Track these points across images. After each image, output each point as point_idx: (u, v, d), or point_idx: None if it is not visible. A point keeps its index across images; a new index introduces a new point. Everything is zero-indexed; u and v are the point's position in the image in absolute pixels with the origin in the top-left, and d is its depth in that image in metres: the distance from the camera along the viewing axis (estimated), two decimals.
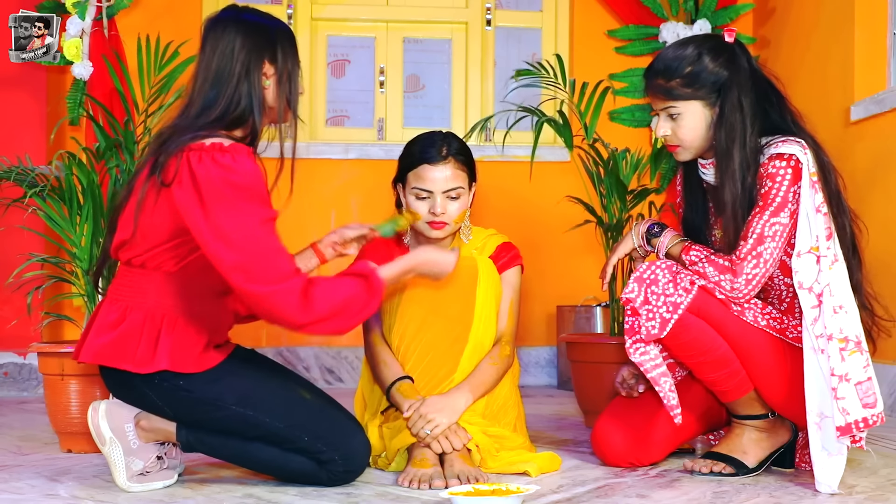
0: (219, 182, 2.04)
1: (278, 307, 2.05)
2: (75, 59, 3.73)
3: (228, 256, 2.03)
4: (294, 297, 2.04)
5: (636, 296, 2.27)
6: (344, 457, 2.21)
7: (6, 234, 3.58)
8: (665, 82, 2.34)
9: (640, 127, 4.46)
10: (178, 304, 2.16)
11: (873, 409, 2.18)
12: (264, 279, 2.03)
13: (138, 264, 2.16)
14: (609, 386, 2.74)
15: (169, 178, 2.08)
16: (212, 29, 2.21)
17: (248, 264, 2.03)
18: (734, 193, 2.29)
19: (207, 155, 2.06)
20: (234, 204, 2.03)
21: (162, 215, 2.11)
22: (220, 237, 2.03)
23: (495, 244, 2.61)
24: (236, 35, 2.17)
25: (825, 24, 4.02)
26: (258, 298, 2.04)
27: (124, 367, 2.13)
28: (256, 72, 2.17)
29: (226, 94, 2.15)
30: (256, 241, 2.04)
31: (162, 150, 2.11)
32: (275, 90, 2.20)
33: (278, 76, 2.20)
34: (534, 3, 4.86)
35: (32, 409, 3.74)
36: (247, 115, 2.17)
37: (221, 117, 2.14)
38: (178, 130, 2.14)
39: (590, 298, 4.47)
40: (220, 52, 2.16)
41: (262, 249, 2.04)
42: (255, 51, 2.17)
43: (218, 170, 2.04)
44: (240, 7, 2.25)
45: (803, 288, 2.20)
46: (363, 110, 4.83)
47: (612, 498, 2.15)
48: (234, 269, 2.03)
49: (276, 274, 2.04)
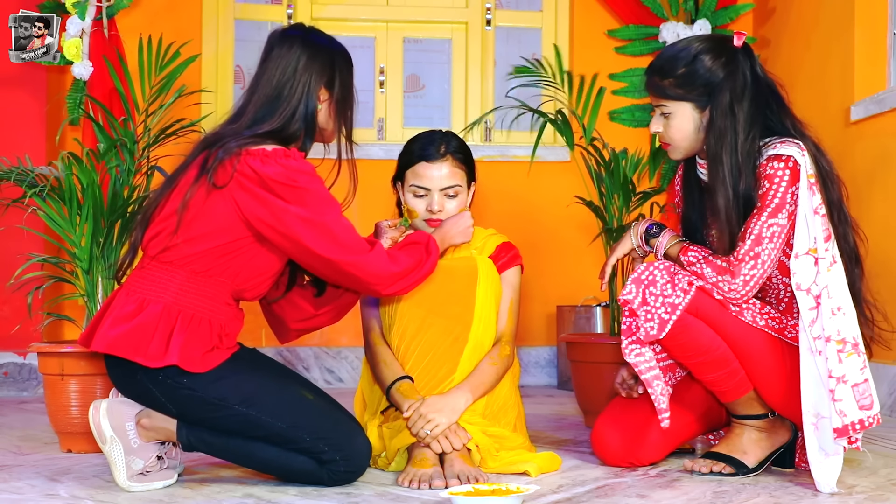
0: (293, 182, 2.14)
1: (377, 267, 2.21)
2: (75, 59, 3.73)
3: (320, 240, 2.16)
4: (383, 258, 2.23)
5: (634, 297, 2.27)
6: (345, 457, 2.21)
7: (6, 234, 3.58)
8: (659, 80, 2.35)
9: (640, 127, 4.45)
10: (196, 303, 2.18)
11: (869, 410, 2.18)
12: (356, 250, 2.19)
13: (166, 260, 2.19)
14: (609, 386, 2.74)
15: (222, 181, 2.14)
16: (278, 44, 2.28)
17: (340, 241, 2.17)
18: (726, 199, 2.28)
19: (271, 159, 2.14)
20: (314, 198, 2.16)
21: (207, 216, 2.16)
22: (311, 225, 2.15)
23: (495, 244, 2.61)
24: (301, 55, 2.25)
25: (825, 24, 4.02)
26: (357, 265, 2.19)
27: (135, 359, 2.14)
28: (314, 95, 2.25)
29: (281, 111, 2.23)
30: (341, 224, 2.18)
31: (211, 153, 2.16)
32: (327, 113, 2.30)
33: (334, 101, 2.29)
34: (534, 3, 4.86)
35: (32, 409, 3.74)
36: (297, 135, 2.25)
37: (273, 133, 2.21)
38: (224, 137, 2.19)
39: (590, 298, 4.47)
40: (282, 68, 2.24)
41: (345, 227, 2.19)
42: (316, 75, 2.26)
43: (286, 170, 2.14)
44: (307, 27, 2.33)
45: (801, 289, 2.20)
46: (363, 110, 4.82)
47: (611, 498, 2.15)
48: (329, 248, 2.16)
49: (362, 244, 2.21)
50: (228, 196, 2.15)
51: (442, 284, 2.45)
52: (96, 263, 2.89)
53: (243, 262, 2.21)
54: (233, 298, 2.26)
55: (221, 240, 2.18)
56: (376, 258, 2.21)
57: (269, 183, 2.13)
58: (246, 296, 2.29)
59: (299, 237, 2.15)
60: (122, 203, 2.89)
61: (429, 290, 2.45)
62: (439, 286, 2.45)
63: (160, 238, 2.20)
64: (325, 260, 2.18)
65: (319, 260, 2.19)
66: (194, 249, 2.17)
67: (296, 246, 2.18)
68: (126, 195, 2.92)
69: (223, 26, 4.64)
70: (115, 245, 2.91)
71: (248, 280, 2.24)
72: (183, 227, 2.16)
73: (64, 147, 4.03)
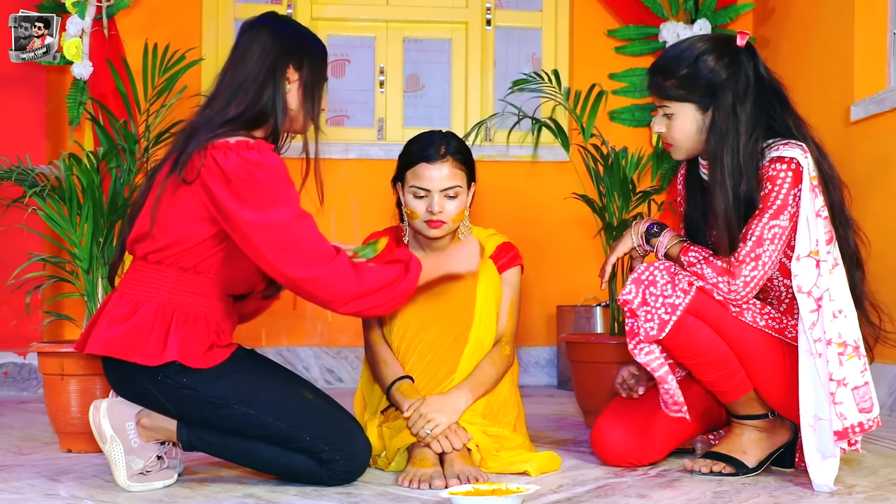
0: (250, 176, 2.08)
1: (334, 284, 2.09)
2: (75, 59, 3.73)
3: (272, 246, 2.08)
4: (346, 272, 2.10)
5: (633, 297, 2.27)
6: (345, 457, 2.21)
7: (6, 234, 3.58)
8: (662, 81, 2.34)
9: (640, 127, 4.45)
10: (189, 301, 2.18)
11: (870, 413, 2.18)
12: (313, 262, 2.09)
13: (154, 261, 2.19)
14: (609, 386, 2.74)
15: (191, 176, 2.12)
16: (246, 31, 2.26)
17: (295, 251, 2.08)
18: (726, 200, 2.28)
19: (233, 151, 2.10)
20: (269, 196, 2.08)
21: (180, 212, 2.14)
22: (261, 228, 2.07)
23: (495, 244, 2.61)
24: (268, 39, 2.22)
25: (825, 24, 4.02)
26: (311, 281, 2.09)
27: (133, 359, 2.13)
28: (281, 74, 2.21)
29: (249, 92, 2.19)
30: (297, 228, 2.09)
31: (183, 147, 2.14)
32: (297, 96, 2.25)
33: (302, 83, 2.24)
34: (534, 3, 4.86)
35: (32, 409, 3.74)
36: (267, 114, 2.21)
37: (241, 115, 2.18)
38: (198, 127, 2.17)
39: (590, 298, 4.47)
40: (250, 53, 2.21)
41: (305, 235, 2.10)
42: (283, 55, 2.22)
43: (247, 165, 2.09)
44: (278, 15, 2.30)
45: (802, 292, 2.20)
46: (363, 110, 4.83)
47: (611, 498, 2.15)
48: (280, 257, 2.08)
49: (323, 255, 2.10)
50: (197, 191, 2.12)
51: (442, 285, 2.45)
52: (96, 263, 2.89)
53: (226, 258, 2.19)
54: (225, 294, 2.24)
55: (199, 237, 2.15)
56: (336, 271, 2.10)
57: (228, 176, 2.08)
58: (237, 291, 2.28)
59: (254, 243, 2.09)
60: (122, 203, 2.89)
61: (429, 290, 2.44)
62: (440, 286, 2.45)
63: (143, 241, 2.19)
64: (280, 273, 2.10)
65: (275, 272, 2.11)
66: (176, 248, 2.16)
67: (252, 252, 2.11)
68: (126, 195, 2.92)
69: (223, 26, 4.64)
70: (115, 245, 2.91)
71: (236, 276, 2.22)
72: (158, 225, 2.15)
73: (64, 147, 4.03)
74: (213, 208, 2.12)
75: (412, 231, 2.59)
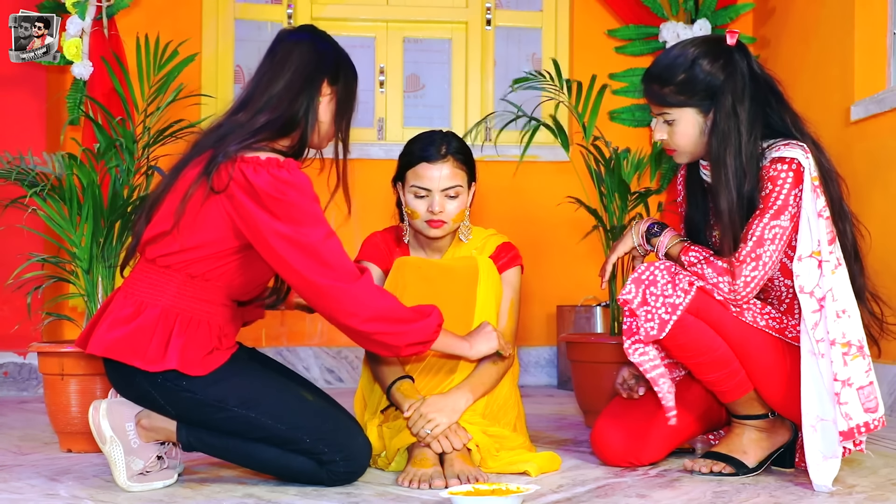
0: (280, 195, 2.09)
1: (360, 297, 2.12)
2: (75, 59, 3.74)
3: (301, 258, 2.09)
4: (373, 289, 2.14)
5: (633, 297, 2.27)
6: (345, 458, 2.21)
7: (6, 234, 3.58)
8: (659, 88, 2.34)
9: (640, 127, 4.46)
10: (194, 306, 2.17)
11: (875, 413, 2.18)
12: (342, 276, 2.11)
13: (163, 265, 2.18)
14: (609, 386, 2.74)
15: (220, 186, 2.12)
16: (284, 40, 2.27)
17: (326, 264, 2.10)
18: (730, 201, 2.28)
19: (264, 168, 2.10)
20: (299, 214, 2.10)
21: (205, 219, 2.14)
22: (292, 243, 2.09)
23: (495, 244, 2.61)
24: (308, 51, 2.24)
25: (825, 24, 4.02)
26: (339, 290, 2.11)
27: (133, 363, 2.13)
28: (316, 87, 2.23)
29: (283, 101, 2.20)
30: (327, 247, 2.11)
31: (213, 154, 2.14)
32: (328, 109, 2.27)
33: (335, 98, 2.26)
34: (534, 3, 4.86)
35: (32, 409, 3.74)
36: (297, 123, 2.22)
37: (271, 122, 2.18)
38: (227, 132, 2.17)
39: (590, 298, 4.47)
40: (289, 63, 2.22)
41: (334, 252, 2.12)
42: (320, 68, 2.24)
43: (278, 183, 2.09)
44: (317, 29, 2.32)
45: (804, 292, 2.20)
46: (363, 110, 4.82)
47: (611, 498, 2.15)
48: (309, 267, 2.10)
49: (352, 271, 2.13)
50: (224, 202, 2.13)
51: (442, 284, 2.45)
52: (96, 263, 2.89)
53: (239, 268, 2.19)
54: (230, 300, 2.25)
55: (217, 247, 2.16)
56: (363, 287, 2.13)
57: (258, 193, 2.09)
58: (241, 298, 2.29)
59: (282, 253, 2.10)
60: (122, 203, 2.89)
61: (430, 290, 2.45)
62: (440, 286, 2.45)
63: (158, 242, 2.18)
64: (306, 280, 2.11)
65: (301, 279, 2.12)
66: (191, 256, 2.16)
67: (279, 262, 2.12)
68: (126, 195, 2.92)
69: (223, 26, 4.64)
70: (115, 245, 2.91)
71: (244, 286, 2.24)
72: (179, 230, 2.14)
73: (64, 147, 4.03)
74: (239, 220, 2.12)
75: (412, 231, 2.59)
